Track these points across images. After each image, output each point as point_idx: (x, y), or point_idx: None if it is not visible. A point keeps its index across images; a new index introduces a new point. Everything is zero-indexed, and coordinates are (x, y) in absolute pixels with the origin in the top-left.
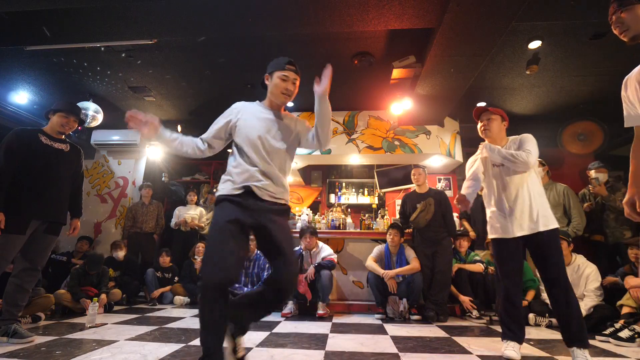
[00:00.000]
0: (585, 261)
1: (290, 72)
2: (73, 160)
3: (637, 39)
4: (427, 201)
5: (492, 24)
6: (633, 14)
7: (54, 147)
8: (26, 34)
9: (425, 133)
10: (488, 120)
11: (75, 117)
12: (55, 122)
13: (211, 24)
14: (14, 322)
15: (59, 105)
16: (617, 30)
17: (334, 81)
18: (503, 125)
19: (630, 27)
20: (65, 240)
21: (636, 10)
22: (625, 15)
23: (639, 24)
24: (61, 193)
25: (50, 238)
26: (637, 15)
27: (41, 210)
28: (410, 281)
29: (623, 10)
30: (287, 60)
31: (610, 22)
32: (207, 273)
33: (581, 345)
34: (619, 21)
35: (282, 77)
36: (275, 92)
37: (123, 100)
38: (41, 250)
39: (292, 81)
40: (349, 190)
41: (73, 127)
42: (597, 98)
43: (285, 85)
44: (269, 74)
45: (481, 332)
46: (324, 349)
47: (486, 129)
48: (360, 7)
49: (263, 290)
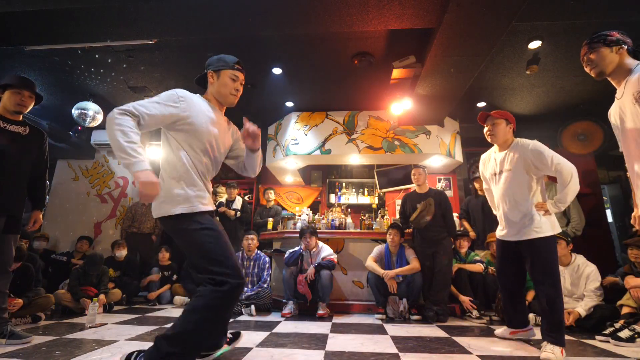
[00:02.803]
0: (585, 261)
1: (239, 72)
2: (33, 144)
3: (602, 75)
4: (427, 201)
5: (492, 24)
6: (599, 55)
7: (9, 129)
8: (26, 34)
9: (425, 133)
10: (493, 125)
11: (29, 92)
12: (8, 100)
13: (211, 24)
14: (6, 324)
15: (8, 80)
16: (588, 68)
17: (334, 81)
18: (509, 128)
19: (597, 65)
20: (65, 241)
21: (601, 52)
22: (594, 56)
23: (603, 63)
24: (17, 183)
25: (8, 238)
26: (602, 57)
27: None
28: (410, 281)
29: (592, 52)
30: (237, 60)
31: (582, 62)
32: (235, 272)
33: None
34: (588, 60)
35: (232, 76)
36: (223, 91)
37: (123, 100)
38: (3, 253)
39: (240, 82)
40: (349, 190)
41: (29, 104)
42: (597, 98)
43: (234, 86)
44: (215, 72)
45: (481, 332)
46: (324, 349)
47: (491, 134)
48: (360, 7)
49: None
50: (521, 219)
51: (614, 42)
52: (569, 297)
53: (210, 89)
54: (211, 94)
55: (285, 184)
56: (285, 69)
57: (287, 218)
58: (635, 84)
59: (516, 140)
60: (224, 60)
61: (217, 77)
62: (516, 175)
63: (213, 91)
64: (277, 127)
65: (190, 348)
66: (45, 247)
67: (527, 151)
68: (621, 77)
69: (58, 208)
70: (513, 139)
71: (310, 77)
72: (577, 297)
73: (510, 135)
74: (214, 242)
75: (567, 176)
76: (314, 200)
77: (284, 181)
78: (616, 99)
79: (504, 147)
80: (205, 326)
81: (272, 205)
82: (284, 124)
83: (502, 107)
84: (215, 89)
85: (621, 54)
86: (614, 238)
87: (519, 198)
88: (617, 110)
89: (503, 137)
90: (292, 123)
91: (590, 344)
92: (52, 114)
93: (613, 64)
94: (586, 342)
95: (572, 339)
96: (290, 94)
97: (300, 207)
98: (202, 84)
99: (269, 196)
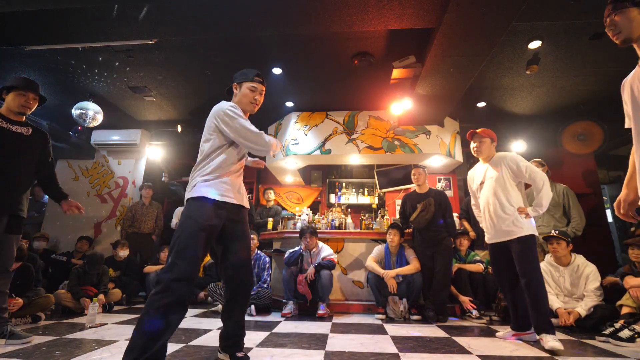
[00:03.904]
0: (584, 261)
1: (258, 84)
2: (36, 145)
3: (628, 41)
4: (427, 201)
5: (492, 24)
6: (626, 17)
7: (12, 130)
8: (26, 34)
9: (425, 133)
10: (480, 143)
11: (34, 94)
12: (12, 101)
13: (211, 24)
14: (5, 324)
15: (13, 82)
16: (610, 33)
17: (334, 81)
18: (492, 145)
19: (622, 30)
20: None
21: (629, 13)
22: (619, 18)
23: (631, 28)
24: (20, 183)
25: (10, 238)
26: (630, 19)
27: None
28: (410, 281)
29: (617, 13)
30: (256, 73)
31: (605, 24)
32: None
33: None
34: (612, 23)
35: (251, 87)
36: (244, 101)
37: (123, 100)
38: (4, 253)
39: (259, 92)
40: (349, 190)
41: (33, 105)
42: (597, 98)
43: (253, 96)
44: (238, 84)
45: (481, 332)
46: (324, 349)
47: (478, 151)
48: (360, 7)
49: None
50: (505, 221)
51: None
52: (569, 297)
53: (234, 99)
54: (236, 103)
55: (285, 184)
56: (285, 69)
57: (287, 218)
58: None
59: (497, 154)
60: (245, 74)
61: (239, 88)
62: (498, 182)
63: (236, 101)
64: (277, 127)
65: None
66: (45, 247)
67: (506, 161)
68: None
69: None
70: (495, 153)
71: (310, 77)
72: (577, 297)
73: (493, 151)
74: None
75: (540, 182)
76: (314, 200)
77: (284, 181)
78: (638, 67)
79: (487, 160)
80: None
81: (272, 205)
82: (284, 124)
83: (502, 107)
84: (238, 99)
85: None
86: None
87: (502, 201)
88: (634, 81)
89: (487, 153)
90: (292, 123)
91: (590, 344)
92: (52, 114)
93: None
94: (586, 342)
95: (572, 339)
96: (290, 94)
97: (300, 207)
98: (230, 94)
99: (269, 196)
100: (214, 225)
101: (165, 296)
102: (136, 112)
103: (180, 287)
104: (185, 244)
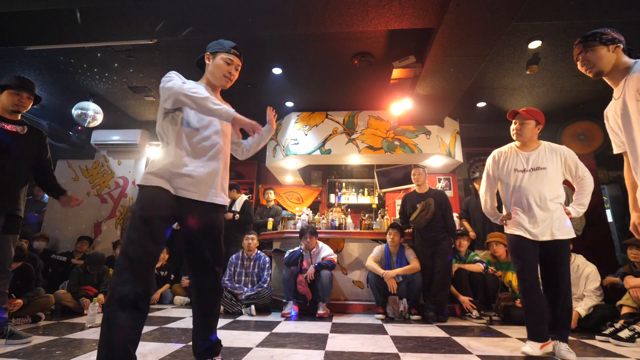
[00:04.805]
0: (584, 261)
1: (235, 57)
2: (32, 144)
3: (601, 74)
4: (427, 201)
5: (492, 24)
6: (596, 55)
7: (7, 129)
8: (26, 34)
9: (425, 133)
10: (522, 125)
11: (28, 93)
12: (6, 100)
13: (211, 24)
14: (6, 324)
15: (7, 80)
16: (584, 68)
17: (334, 81)
18: (537, 129)
19: (595, 64)
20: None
21: (598, 51)
22: (590, 55)
23: (602, 63)
24: (16, 182)
25: (7, 238)
26: (599, 56)
27: None
28: (410, 281)
29: (588, 51)
30: (234, 45)
31: (577, 61)
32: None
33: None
34: (585, 60)
35: (227, 59)
36: (216, 73)
37: (123, 100)
38: (2, 253)
39: (235, 66)
40: (349, 190)
41: (27, 104)
42: (597, 98)
43: (228, 69)
44: (212, 54)
45: (481, 332)
46: (324, 349)
47: (518, 134)
48: (360, 7)
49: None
50: (551, 218)
51: (610, 40)
52: None
53: (206, 71)
54: (206, 76)
55: (285, 184)
56: (285, 69)
57: (287, 218)
58: (638, 80)
59: (544, 142)
60: (222, 44)
61: (212, 59)
62: (552, 174)
63: (207, 73)
64: (277, 127)
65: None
66: (45, 247)
67: (563, 154)
68: (619, 76)
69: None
70: (539, 143)
71: (310, 77)
72: (577, 297)
73: (536, 136)
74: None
75: (590, 185)
76: (314, 200)
77: (284, 181)
78: (614, 99)
79: (531, 146)
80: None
81: (272, 205)
82: (284, 124)
83: (502, 107)
84: (210, 70)
85: (617, 53)
86: (614, 238)
87: (551, 197)
88: (616, 111)
89: (530, 138)
90: (292, 123)
91: (590, 344)
92: (52, 114)
93: (611, 63)
94: (586, 342)
95: (572, 339)
96: (290, 94)
97: (300, 207)
98: (201, 66)
99: (269, 196)
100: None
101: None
102: (136, 112)
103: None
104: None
